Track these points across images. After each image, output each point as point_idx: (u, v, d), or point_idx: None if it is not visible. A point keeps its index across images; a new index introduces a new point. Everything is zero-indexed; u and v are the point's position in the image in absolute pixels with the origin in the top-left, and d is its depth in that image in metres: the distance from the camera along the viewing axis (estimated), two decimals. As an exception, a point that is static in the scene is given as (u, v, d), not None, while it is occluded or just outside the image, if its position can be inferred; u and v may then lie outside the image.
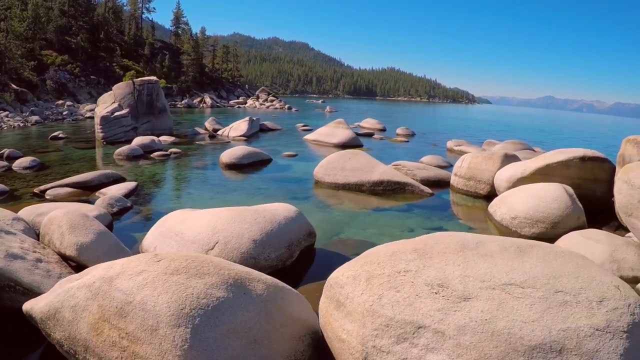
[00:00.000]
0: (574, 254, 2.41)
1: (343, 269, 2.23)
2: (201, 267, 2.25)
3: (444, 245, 2.26)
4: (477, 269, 2.11)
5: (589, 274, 2.18)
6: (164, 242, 4.13)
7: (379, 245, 2.54)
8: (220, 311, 2.01)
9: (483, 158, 7.89)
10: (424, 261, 2.14)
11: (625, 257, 4.80)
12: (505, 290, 2.00)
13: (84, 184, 7.44)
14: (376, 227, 5.75)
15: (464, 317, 1.90)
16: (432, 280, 2.03)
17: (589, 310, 1.96)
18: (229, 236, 3.80)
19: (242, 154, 9.45)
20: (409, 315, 1.94)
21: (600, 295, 2.05)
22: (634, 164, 5.73)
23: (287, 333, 2.24)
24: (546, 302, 1.96)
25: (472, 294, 1.98)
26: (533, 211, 5.77)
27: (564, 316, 1.92)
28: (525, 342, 1.83)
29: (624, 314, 1.99)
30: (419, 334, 1.89)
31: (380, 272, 2.09)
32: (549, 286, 2.03)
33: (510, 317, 1.90)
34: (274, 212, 4.14)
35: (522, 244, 2.36)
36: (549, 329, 1.87)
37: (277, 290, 2.40)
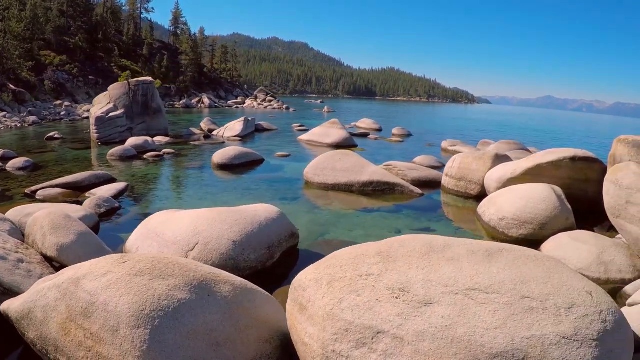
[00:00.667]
0: (548, 258, 2.37)
1: (306, 271, 2.21)
2: (166, 268, 2.25)
3: (409, 248, 2.21)
4: (442, 273, 2.06)
5: (559, 280, 2.12)
6: (146, 243, 4.12)
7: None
8: (181, 313, 2.01)
9: (474, 158, 7.86)
10: (387, 265, 2.09)
11: (613, 259, 4.76)
12: (469, 295, 1.94)
13: (74, 185, 7.46)
14: (363, 228, 5.74)
15: (424, 323, 1.85)
16: (393, 285, 1.98)
17: (557, 318, 1.89)
18: (209, 237, 3.80)
19: (233, 154, 9.45)
20: (368, 320, 1.89)
21: (569, 301, 1.98)
22: (622, 165, 5.70)
23: (253, 335, 2.24)
24: (511, 309, 1.90)
25: (434, 299, 1.93)
26: (521, 212, 5.72)
27: (529, 323, 1.85)
28: (487, 350, 1.77)
29: (595, 322, 1.92)
30: (378, 339, 1.85)
31: (342, 276, 2.05)
32: (515, 292, 1.97)
33: (472, 323, 1.84)
34: (255, 213, 4.14)
35: (491, 248, 2.31)
36: (512, 337, 1.80)
37: (245, 292, 2.40)
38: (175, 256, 3.77)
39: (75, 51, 32.92)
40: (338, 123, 14.11)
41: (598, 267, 4.68)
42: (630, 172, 5.19)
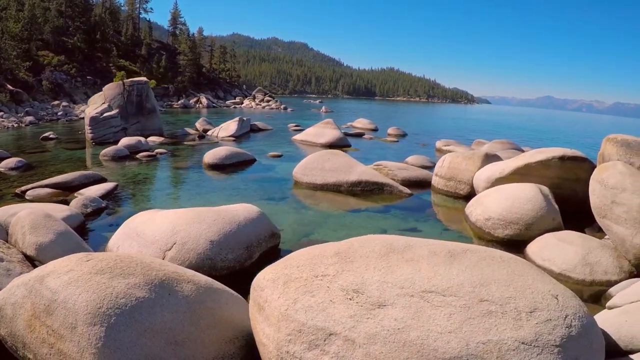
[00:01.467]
0: (515, 260, 2.30)
1: (265, 271, 2.20)
2: (128, 267, 2.25)
3: (368, 248, 2.17)
4: (399, 274, 2.00)
5: (523, 282, 2.05)
6: (126, 243, 4.13)
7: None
8: (138, 311, 2.02)
9: (463, 158, 7.84)
10: (343, 265, 2.05)
11: (599, 260, 4.74)
12: (425, 297, 1.88)
13: (63, 185, 7.47)
14: (349, 228, 5.73)
15: (376, 326, 1.80)
16: (348, 286, 1.94)
17: (516, 322, 1.81)
18: (187, 237, 3.80)
19: (224, 154, 9.45)
20: (321, 321, 1.86)
21: (531, 305, 1.91)
22: (608, 164, 5.65)
23: (214, 335, 2.24)
24: (467, 312, 1.83)
25: (388, 300, 1.87)
26: (506, 212, 5.68)
27: (486, 328, 1.78)
28: (439, 355, 1.71)
29: (558, 327, 1.85)
30: (330, 341, 1.81)
31: (298, 276, 2.03)
32: (474, 294, 1.90)
33: (426, 327, 1.78)
34: (234, 213, 4.14)
35: (455, 248, 2.25)
36: (466, 341, 1.73)
37: (209, 292, 2.39)
38: (150, 255, 3.77)
39: (74, 51, 32.96)
40: (332, 123, 14.11)
41: (583, 269, 4.66)
42: (616, 172, 5.13)
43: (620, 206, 4.88)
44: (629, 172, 5.06)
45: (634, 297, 3.27)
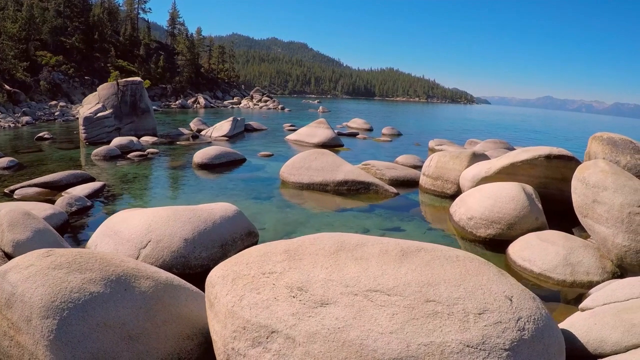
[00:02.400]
0: (472, 259, 2.24)
1: (217, 268, 2.20)
2: (86, 263, 2.28)
3: (318, 246, 2.15)
4: (345, 272, 1.97)
5: (476, 283, 1.99)
6: (103, 241, 4.16)
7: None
8: (91, 305, 2.05)
9: (451, 157, 7.85)
10: (291, 263, 2.04)
11: (581, 261, 4.70)
12: (369, 297, 1.84)
13: (52, 184, 7.52)
14: (332, 227, 5.75)
15: (317, 324, 1.76)
16: (293, 283, 1.92)
17: (463, 324, 1.76)
18: (162, 235, 3.82)
19: (214, 154, 9.47)
20: (264, 318, 1.85)
21: (481, 306, 1.84)
22: (590, 162, 5.58)
23: (171, 331, 2.26)
24: (411, 312, 1.78)
25: (332, 299, 1.84)
26: (489, 212, 5.65)
27: (430, 329, 1.73)
28: (378, 356, 1.66)
29: (508, 330, 1.79)
30: (272, 339, 1.80)
31: (246, 273, 2.03)
32: (420, 294, 1.85)
33: (367, 326, 1.74)
34: (210, 211, 4.16)
35: (409, 247, 2.20)
36: (407, 343, 1.68)
37: (168, 288, 2.42)
38: (125, 253, 3.79)
39: (72, 51, 33.01)
40: (324, 122, 14.14)
41: (564, 269, 4.62)
42: (598, 170, 5.04)
43: (602, 205, 4.79)
44: (610, 171, 4.98)
45: (606, 299, 3.24)
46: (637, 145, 6.70)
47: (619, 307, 2.98)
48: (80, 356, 1.94)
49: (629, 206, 4.64)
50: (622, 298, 3.14)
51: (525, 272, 4.73)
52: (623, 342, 2.63)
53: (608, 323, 2.76)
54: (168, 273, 2.66)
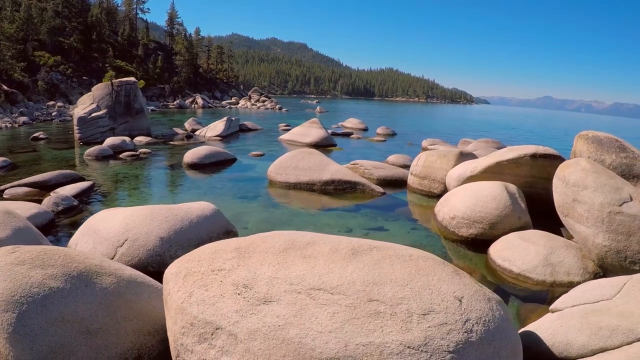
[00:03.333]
0: (425, 259, 2.18)
1: (172, 265, 2.23)
2: (50, 259, 2.33)
3: (269, 244, 2.15)
4: (291, 270, 1.95)
5: (425, 282, 1.94)
6: (83, 240, 4.20)
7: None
8: (50, 300, 2.10)
9: (438, 156, 7.87)
10: (240, 260, 2.04)
11: (562, 261, 4.64)
12: (311, 295, 1.82)
13: (41, 184, 7.57)
14: (315, 227, 5.78)
15: (258, 322, 1.77)
16: (239, 281, 1.92)
17: (405, 324, 1.72)
18: (138, 234, 3.86)
19: (204, 153, 9.52)
20: (210, 315, 1.86)
21: (426, 307, 1.80)
22: (572, 160, 5.51)
23: (131, 327, 2.30)
24: (353, 312, 1.75)
25: (275, 297, 1.84)
26: (470, 211, 5.61)
27: (370, 329, 1.69)
28: (316, 354, 1.64)
29: (454, 331, 1.75)
30: (216, 335, 1.81)
31: (197, 270, 2.05)
32: (363, 294, 1.81)
33: (307, 325, 1.72)
34: (187, 210, 4.20)
35: (360, 246, 2.17)
36: (345, 342, 1.66)
37: (130, 285, 2.46)
38: (102, 252, 3.82)
39: (70, 52, 33.09)
40: (317, 122, 14.18)
41: (544, 269, 4.56)
42: (579, 169, 4.98)
43: (582, 204, 4.74)
44: (591, 169, 4.92)
45: (575, 301, 3.19)
46: (622, 144, 6.64)
47: (587, 309, 2.94)
48: (38, 349, 1.99)
49: (610, 205, 4.59)
50: (591, 300, 3.10)
51: (504, 272, 4.70)
52: (589, 346, 2.59)
53: (575, 326, 2.71)
54: (133, 270, 2.70)
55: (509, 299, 4.13)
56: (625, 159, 6.38)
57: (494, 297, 2.19)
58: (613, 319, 2.66)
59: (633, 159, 6.33)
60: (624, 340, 2.53)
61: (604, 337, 2.57)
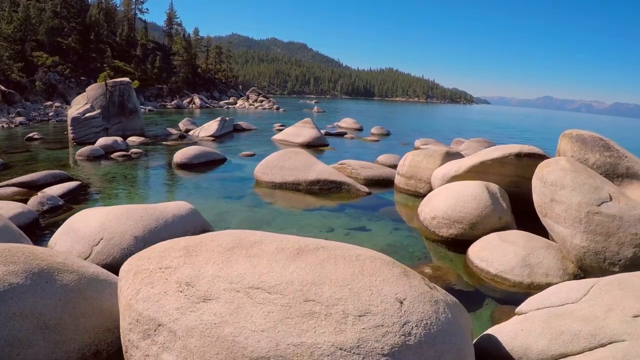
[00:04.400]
0: (374, 259, 2.13)
1: (125, 262, 2.26)
2: (12, 256, 2.39)
3: (217, 243, 2.16)
4: (234, 269, 1.95)
5: (367, 283, 1.90)
6: (62, 238, 4.26)
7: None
8: (9, 295, 2.17)
9: (424, 156, 7.87)
10: (187, 259, 2.06)
11: (540, 262, 4.57)
12: (249, 294, 1.82)
13: (29, 184, 7.64)
14: (297, 226, 5.82)
15: (196, 319, 1.78)
16: (183, 278, 1.94)
17: (340, 326, 1.69)
18: (113, 233, 3.92)
19: (193, 154, 9.57)
20: (153, 312, 1.89)
21: (364, 308, 1.76)
22: (551, 160, 5.39)
23: (90, 323, 2.34)
24: (287, 311, 1.73)
25: (214, 295, 1.84)
26: (451, 211, 5.56)
27: (303, 329, 1.67)
28: (247, 353, 1.65)
29: (389, 334, 1.70)
30: (158, 332, 1.84)
31: (146, 267, 2.08)
32: (300, 294, 1.80)
33: (241, 323, 1.72)
34: (163, 210, 4.25)
35: (307, 245, 2.15)
36: (277, 342, 1.65)
37: (92, 282, 2.51)
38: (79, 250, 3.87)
39: (68, 52, 33.18)
40: (310, 122, 14.22)
41: (522, 270, 4.47)
42: (557, 168, 4.94)
43: (560, 204, 4.70)
44: (570, 168, 4.86)
45: (540, 304, 3.10)
46: (607, 143, 6.56)
47: (551, 312, 2.85)
48: (-5, 342, 2.03)
49: (587, 205, 4.53)
50: (556, 303, 3.00)
51: (482, 273, 4.66)
52: (549, 351, 2.50)
53: (535, 330, 2.62)
54: (97, 268, 2.75)
55: (485, 301, 4.10)
56: (609, 158, 6.28)
57: (447, 299, 2.17)
58: (575, 324, 2.58)
59: (617, 158, 6.25)
60: (586, 345, 2.45)
61: (564, 342, 2.49)
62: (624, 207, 4.52)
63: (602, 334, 2.45)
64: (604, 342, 2.43)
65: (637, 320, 2.50)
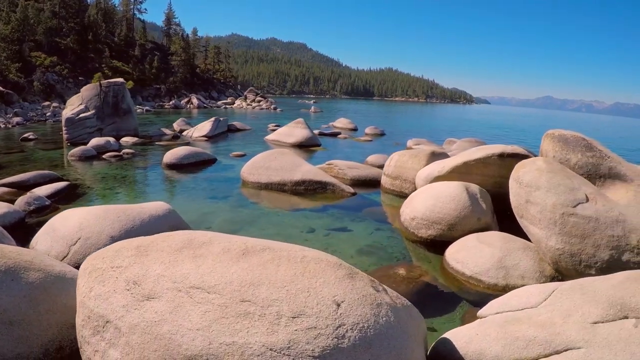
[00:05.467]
0: (319, 261, 2.13)
1: (84, 261, 2.34)
2: (-19, 255, 2.46)
3: (168, 243, 2.22)
4: (179, 269, 2.00)
5: (305, 285, 1.91)
6: (43, 238, 4.36)
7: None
8: None
9: (410, 156, 7.91)
10: (137, 258, 2.12)
11: (517, 264, 4.51)
12: (190, 293, 1.86)
13: (18, 184, 7.76)
14: (279, 227, 5.88)
15: (139, 317, 1.84)
16: (131, 277, 2.01)
17: (273, 326, 1.71)
18: (90, 232, 4.01)
19: (183, 154, 9.66)
20: (102, 309, 1.96)
21: (298, 310, 1.77)
22: (528, 160, 5.29)
23: (54, 320, 2.44)
24: (223, 311, 1.76)
25: (158, 293, 1.90)
26: (430, 212, 5.55)
27: (236, 329, 1.71)
28: (182, 351, 1.69)
29: (322, 336, 1.70)
30: (106, 328, 1.91)
31: (100, 266, 2.15)
32: (238, 294, 1.83)
33: (179, 322, 1.76)
34: (140, 210, 4.34)
35: (254, 246, 2.18)
36: (210, 341, 1.68)
37: (57, 281, 2.60)
38: (57, 250, 3.95)
39: (66, 52, 33.28)
40: (302, 122, 14.29)
41: (497, 272, 4.44)
42: (533, 168, 4.88)
43: (534, 205, 4.64)
44: (547, 169, 4.78)
45: (500, 308, 3.05)
46: (589, 143, 6.48)
47: (509, 317, 2.80)
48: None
49: (562, 206, 4.47)
50: (516, 307, 2.95)
51: (457, 274, 4.65)
52: (503, 357, 2.44)
53: (490, 334, 2.58)
54: (65, 266, 2.85)
55: (459, 303, 4.09)
56: (591, 159, 6.18)
57: (396, 302, 2.16)
58: (531, 329, 2.53)
59: (600, 159, 6.17)
60: (541, 352, 2.40)
61: (519, 349, 2.43)
62: (601, 209, 4.47)
63: (558, 341, 2.40)
64: (560, 349, 2.38)
65: (597, 327, 2.45)
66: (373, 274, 4.41)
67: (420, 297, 4.07)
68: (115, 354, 1.87)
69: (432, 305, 4.03)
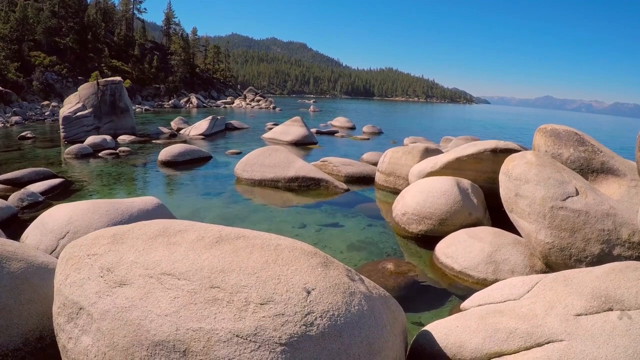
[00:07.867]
0: (293, 249, 2.11)
1: (63, 250, 2.38)
2: (-36, 247, 2.47)
3: (143, 231, 2.22)
4: (152, 256, 2.00)
5: (276, 272, 1.89)
6: (32, 232, 4.38)
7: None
8: None
9: (403, 153, 7.92)
10: (112, 246, 2.13)
11: (507, 259, 4.50)
12: (161, 279, 1.87)
13: (13, 181, 7.79)
14: (271, 222, 5.90)
15: (110, 303, 1.85)
16: (105, 264, 2.01)
17: (240, 313, 1.70)
18: (79, 226, 4.03)
19: (178, 152, 9.68)
20: (76, 296, 1.97)
21: (266, 297, 1.75)
22: (518, 154, 5.20)
23: (35, 309, 2.46)
24: (192, 297, 1.77)
25: (130, 280, 1.90)
26: (420, 207, 5.55)
27: (204, 315, 1.70)
28: (150, 336, 1.70)
29: (289, 323, 1.68)
30: (79, 315, 1.93)
31: (77, 254, 2.15)
32: (207, 280, 1.82)
33: (148, 308, 1.77)
34: (129, 204, 4.36)
35: (228, 234, 2.16)
36: (177, 326, 1.69)
37: (40, 271, 2.62)
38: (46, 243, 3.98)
39: (65, 52, 33.33)
40: (299, 121, 14.31)
41: (486, 267, 4.43)
42: (522, 162, 4.83)
43: (524, 199, 4.60)
44: (536, 162, 4.72)
45: (482, 300, 3.05)
46: (581, 137, 6.46)
47: (490, 309, 2.78)
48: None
49: (552, 200, 4.43)
50: (498, 299, 2.95)
51: (447, 269, 4.65)
52: (483, 349, 2.42)
53: (470, 326, 2.55)
54: (48, 257, 2.86)
55: (448, 298, 4.10)
56: (583, 153, 6.15)
57: (373, 292, 2.13)
58: (512, 321, 2.50)
59: (592, 153, 6.14)
60: (522, 345, 2.37)
61: (499, 341, 2.41)
62: (591, 202, 4.44)
63: (540, 333, 2.37)
64: (541, 341, 2.35)
65: (579, 319, 2.42)
66: (362, 269, 4.43)
67: (408, 292, 4.09)
68: (87, 340, 1.88)
69: (420, 299, 4.04)
